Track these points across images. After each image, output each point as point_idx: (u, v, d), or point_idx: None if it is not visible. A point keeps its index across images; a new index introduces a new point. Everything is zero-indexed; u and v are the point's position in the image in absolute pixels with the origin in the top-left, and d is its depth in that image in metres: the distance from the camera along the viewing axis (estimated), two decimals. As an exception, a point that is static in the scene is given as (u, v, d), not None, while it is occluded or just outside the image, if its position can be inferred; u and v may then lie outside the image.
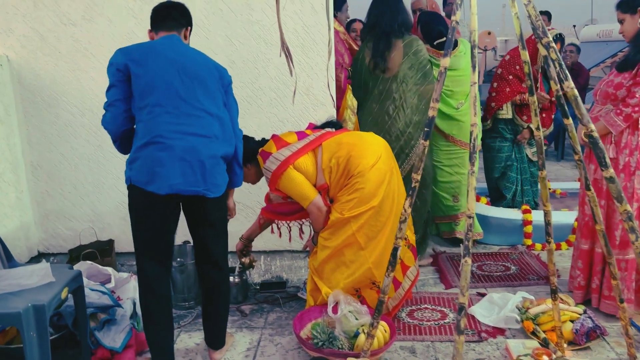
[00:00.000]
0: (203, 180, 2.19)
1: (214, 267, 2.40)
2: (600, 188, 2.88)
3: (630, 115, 2.71)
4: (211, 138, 2.21)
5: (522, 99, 3.95)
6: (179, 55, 2.21)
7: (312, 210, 2.58)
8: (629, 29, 2.76)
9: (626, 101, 2.70)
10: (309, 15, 3.11)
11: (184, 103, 2.17)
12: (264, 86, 3.21)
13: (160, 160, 2.13)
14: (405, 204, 2.16)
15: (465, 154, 3.75)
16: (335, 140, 2.63)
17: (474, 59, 1.97)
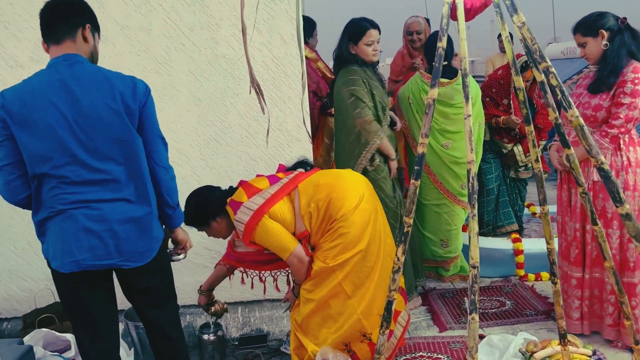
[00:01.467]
0: (117, 251, 1.89)
1: (161, 337, 2.12)
2: (574, 210, 2.79)
3: (616, 136, 2.64)
4: (123, 201, 1.90)
5: (496, 122, 3.80)
6: (70, 96, 1.81)
7: (293, 262, 2.32)
8: (593, 52, 2.68)
9: (610, 123, 2.63)
10: (279, 47, 2.91)
11: (84, 168, 1.84)
12: (234, 123, 2.98)
13: (61, 234, 1.85)
14: (398, 252, 1.94)
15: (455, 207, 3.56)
16: (311, 182, 2.39)
17: (466, 89, 1.78)
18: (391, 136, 3.21)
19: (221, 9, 2.88)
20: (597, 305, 2.77)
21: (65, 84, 1.83)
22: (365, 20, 3.12)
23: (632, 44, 2.62)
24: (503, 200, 4.01)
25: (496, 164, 3.94)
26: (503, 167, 4.00)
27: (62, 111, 1.81)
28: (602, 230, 2.00)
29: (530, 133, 2.03)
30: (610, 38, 2.62)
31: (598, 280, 2.76)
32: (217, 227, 2.42)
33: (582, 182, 1.97)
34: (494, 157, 3.93)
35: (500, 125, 3.81)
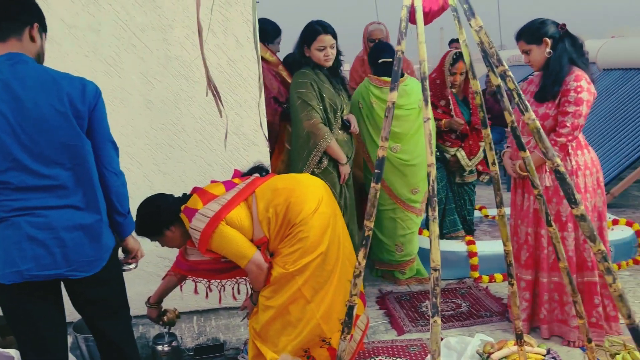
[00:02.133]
0: (65, 261, 1.81)
1: (112, 349, 2.02)
2: (526, 214, 2.85)
3: (565, 144, 2.71)
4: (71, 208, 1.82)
5: (438, 125, 3.81)
6: (12, 97, 1.71)
7: (252, 269, 2.27)
8: (538, 59, 2.74)
9: (558, 131, 2.70)
10: (234, 49, 2.86)
11: (29, 174, 1.75)
12: (188, 127, 2.91)
13: (3, 243, 1.75)
14: (359, 256, 1.92)
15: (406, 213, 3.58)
16: (269, 186, 2.34)
17: (426, 92, 1.78)
18: (345, 140, 3.20)
19: (174, 9, 2.81)
20: (558, 310, 2.82)
21: (8, 84, 1.72)
22: (319, 24, 3.11)
23: (572, 51, 2.69)
24: (449, 207, 4.01)
25: (441, 173, 3.94)
26: (448, 174, 4.01)
27: (3, 113, 1.71)
28: (556, 232, 2.03)
29: (487, 136, 2.05)
30: (552, 45, 2.69)
31: (557, 285, 2.80)
32: (172, 236, 2.34)
33: (537, 185, 2.00)
34: (439, 165, 3.92)
35: (443, 129, 3.82)
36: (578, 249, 2.78)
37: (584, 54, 2.74)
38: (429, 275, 3.77)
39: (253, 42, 2.87)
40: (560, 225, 2.76)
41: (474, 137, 3.94)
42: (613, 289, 1.70)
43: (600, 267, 1.70)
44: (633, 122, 5.66)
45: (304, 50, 3.13)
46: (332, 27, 3.13)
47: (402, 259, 3.67)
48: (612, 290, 1.70)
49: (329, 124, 3.11)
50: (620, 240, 3.77)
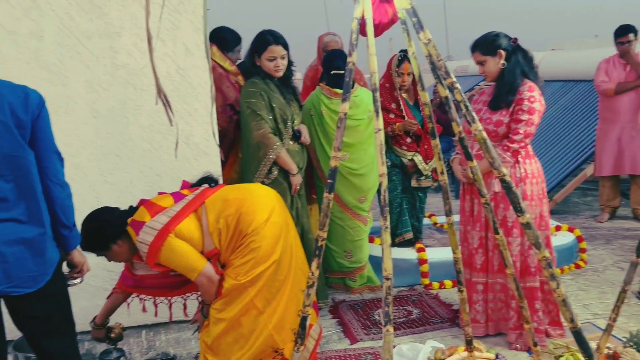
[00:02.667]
0: (5, 277, 1.74)
1: None
2: (478, 219, 2.92)
3: (517, 150, 2.79)
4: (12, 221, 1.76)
5: (392, 129, 3.87)
6: None
7: (202, 282, 2.22)
8: (492, 70, 2.85)
9: (511, 138, 2.78)
10: (184, 58, 2.82)
11: None
12: (136, 136, 2.84)
13: None
14: (312, 266, 1.92)
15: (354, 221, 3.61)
16: (219, 197, 2.31)
17: (377, 104, 1.80)
18: (296, 150, 3.20)
19: (121, 17, 2.74)
20: (505, 310, 2.91)
21: None
22: (270, 34, 3.09)
23: (524, 64, 2.81)
24: (402, 208, 4.08)
25: (399, 179, 3.99)
26: (404, 178, 4.05)
27: None
28: (503, 239, 2.09)
29: (436, 146, 2.09)
30: (505, 58, 2.79)
31: (502, 286, 2.89)
32: (118, 250, 2.27)
33: (484, 193, 2.06)
34: (396, 171, 3.98)
35: (397, 132, 3.88)
36: (522, 255, 2.87)
37: (534, 68, 2.86)
38: (380, 282, 3.80)
39: (204, 51, 2.84)
40: (506, 231, 2.85)
41: (430, 142, 3.99)
42: (557, 294, 1.75)
43: (545, 273, 1.76)
44: (573, 131, 5.90)
45: (254, 59, 3.10)
46: (284, 38, 3.12)
47: (352, 266, 3.69)
48: (556, 295, 1.76)
49: (279, 134, 3.10)
50: (563, 245, 3.92)
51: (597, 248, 4.38)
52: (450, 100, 1.97)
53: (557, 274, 1.76)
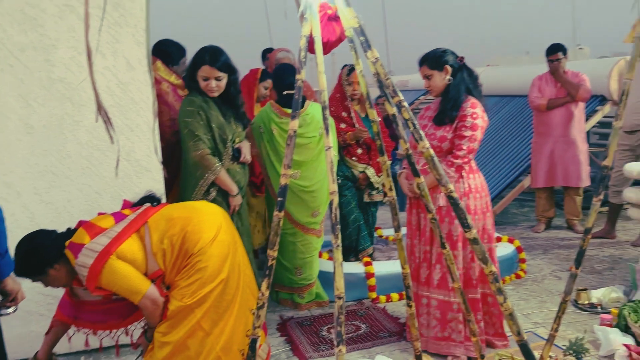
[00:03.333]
0: None
1: None
2: (424, 233, 2.96)
3: (461, 166, 2.84)
4: None
5: (344, 139, 3.90)
6: None
7: (146, 305, 2.14)
8: (438, 85, 2.91)
9: (454, 153, 2.84)
10: (125, 72, 2.73)
11: None
12: (73, 153, 2.72)
13: None
14: (262, 287, 1.88)
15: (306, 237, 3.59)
16: (163, 216, 2.24)
17: (326, 121, 1.79)
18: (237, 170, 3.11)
19: (57, 29, 2.63)
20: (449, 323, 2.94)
21: None
22: (209, 54, 2.95)
23: (469, 81, 2.89)
24: (360, 224, 4.10)
25: (352, 193, 4.01)
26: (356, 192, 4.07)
27: None
28: (450, 254, 2.12)
29: (384, 163, 2.11)
30: (452, 74, 2.86)
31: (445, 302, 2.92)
32: (56, 275, 2.15)
33: (431, 209, 2.08)
34: (349, 186, 3.99)
35: (348, 142, 3.90)
36: (464, 267, 2.92)
37: (479, 86, 2.94)
38: (328, 298, 3.79)
39: (146, 65, 2.76)
40: (452, 244, 2.89)
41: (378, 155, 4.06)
42: (504, 308, 1.79)
43: (492, 287, 1.79)
44: (510, 145, 6.12)
45: (193, 74, 2.97)
46: (226, 60, 2.98)
47: (301, 283, 3.66)
48: (503, 309, 1.79)
49: (218, 154, 2.99)
50: (503, 256, 4.02)
51: (535, 258, 4.53)
52: (398, 117, 2.00)
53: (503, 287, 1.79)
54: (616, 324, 3.03)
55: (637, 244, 4.63)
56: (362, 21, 1.80)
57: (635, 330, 2.86)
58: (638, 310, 2.95)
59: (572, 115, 5.05)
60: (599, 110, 5.81)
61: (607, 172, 2.12)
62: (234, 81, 3.05)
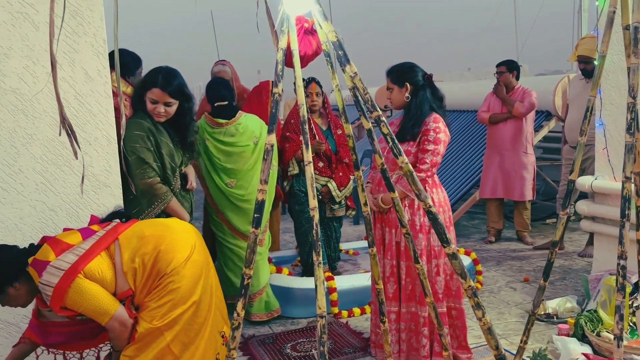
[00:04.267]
0: None
1: None
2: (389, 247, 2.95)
3: (424, 179, 2.87)
4: None
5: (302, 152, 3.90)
6: None
7: (114, 327, 2.03)
8: (397, 100, 2.96)
9: (418, 167, 2.86)
10: (83, 83, 2.61)
11: None
12: (26, 168, 2.57)
13: None
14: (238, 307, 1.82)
15: None
16: (135, 233, 2.14)
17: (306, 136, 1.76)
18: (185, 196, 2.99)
19: (10, 36, 2.49)
20: (414, 338, 2.93)
21: None
22: (163, 76, 2.79)
23: (433, 100, 2.92)
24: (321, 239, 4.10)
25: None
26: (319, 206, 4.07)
27: None
28: (423, 268, 2.13)
29: (359, 178, 2.09)
30: (413, 91, 2.89)
31: (413, 314, 2.93)
32: (15, 294, 2.02)
33: (405, 224, 2.08)
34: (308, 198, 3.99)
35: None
36: (430, 282, 2.93)
37: (443, 106, 2.98)
38: (279, 306, 3.75)
39: (105, 76, 2.65)
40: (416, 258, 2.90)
41: (344, 169, 4.08)
42: (482, 323, 1.80)
43: (471, 302, 1.79)
44: (461, 158, 6.28)
45: (142, 94, 2.80)
46: (179, 85, 2.79)
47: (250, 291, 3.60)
48: (481, 324, 1.80)
49: (167, 182, 2.85)
50: (461, 268, 4.08)
51: (489, 269, 4.63)
52: (373, 132, 2.00)
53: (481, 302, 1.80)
54: (573, 334, 3.13)
55: (584, 254, 4.81)
56: (340, 35, 1.79)
57: (592, 339, 2.95)
58: (594, 320, 3.05)
59: (520, 131, 5.23)
60: (544, 125, 6.04)
61: (572, 186, 2.19)
62: (189, 110, 2.88)
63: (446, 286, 2.98)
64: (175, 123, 2.88)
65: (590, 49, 4.46)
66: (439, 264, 2.93)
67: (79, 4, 2.56)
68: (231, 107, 3.43)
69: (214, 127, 3.42)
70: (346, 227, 6.05)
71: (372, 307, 3.12)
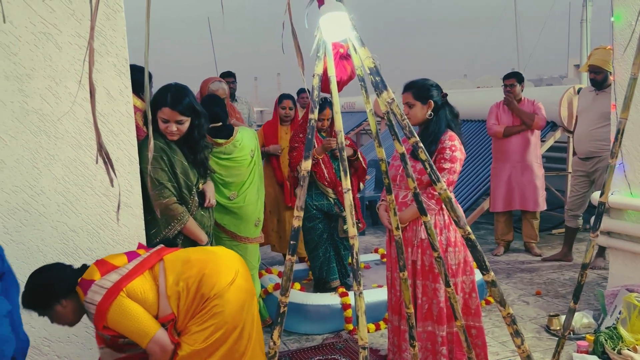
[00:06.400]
0: None
1: None
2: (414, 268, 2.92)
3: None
4: None
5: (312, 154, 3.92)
6: None
7: (154, 351, 2.00)
8: (419, 116, 2.92)
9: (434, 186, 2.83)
10: (105, 103, 2.59)
11: None
12: (48, 189, 2.54)
13: None
14: (275, 335, 1.81)
15: (249, 246, 3.53)
16: (179, 258, 2.13)
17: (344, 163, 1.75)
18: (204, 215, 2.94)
19: (32, 57, 2.47)
20: (431, 357, 2.91)
21: None
22: (169, 93, 2.72)
23: (451, 119, 2.92)
24: (330, 255, 4.09)
25: (324, 226, 4.05)
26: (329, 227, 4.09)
27: None
28: (454, 292, 2.12)
29: (392, 202, 2.08)
30: (434, 109, 2.88)
31: (430, 333, 2.91)
32: (62, 312, 2.02)
33: (437, 248, 2.08)
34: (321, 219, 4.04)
35: (316, 156, 3.92)
36: (448, 301, 2.92)
37: (459, 124, 2.97)
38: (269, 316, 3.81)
39: (127, 96, 2.64)
40: (434, 277, 2.89)
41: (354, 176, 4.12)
42: (521, 350, 1.79)
43: (510, 329, 1.79)
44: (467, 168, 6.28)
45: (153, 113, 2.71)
46: (189, 102, 2.73)
47: None
48: (520, 351, 1.79)
49: (184, 201, 2.78)
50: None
51: (500, 282, 4.63)
52: (406, 156, 1.99)
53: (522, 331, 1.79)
54: (593, 351, 3.12)
55: (594, 266, 4.82)
56: (377, 61, 1.78)
57: (613, 357, 2.95)
58: (614, 337, 3.05)
59: (529, 142, 5.25)
60: (550, 136, 6.06)
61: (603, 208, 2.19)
62: (199, 126, 2.82)
63: (465, 305, 2.97)
64: (187, 140, 2.84)
65: (603, 59, 4.47)
66: (456, 282, 2.92)
67: (102, 24, 2.54)
68: (226, 127, 3.44)
69: (214, 147, 3.40)
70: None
71: (390, 326, 3.10)
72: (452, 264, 2.92)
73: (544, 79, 21.23)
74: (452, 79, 16.27)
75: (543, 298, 4.24)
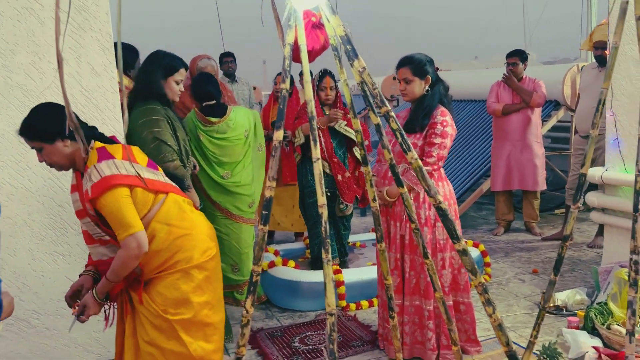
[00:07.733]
0: None
1: None
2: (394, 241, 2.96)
3: (431, 173, 2.84)
4: None
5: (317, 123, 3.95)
6: None
7: (131, 246, 1.95)
8: (416, 92, 2.90)
9: (425, 160, 2.83)
10: (89, 78, 2.60)
11: None
12: (34, 164, 2.57)
13: None
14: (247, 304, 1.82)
15: (244, 225, 3.54)
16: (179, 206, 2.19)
17: (314, 132, 1.74)
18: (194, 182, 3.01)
19: (15, 32, 2.48)
20: (418, 331, 2.93)
21: None
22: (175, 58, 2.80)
23: (443, 94, 2.91)
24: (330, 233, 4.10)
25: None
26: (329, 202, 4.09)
27: None
28: (432, 264, 2.11)
29: (368, 173, 2.08)
30: (430, 84, 2.87)
31: (417, 308, 2.92)
32: (60, 150, 2.01)
33: (414, 219, 2.07)
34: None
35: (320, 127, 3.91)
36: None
37: (450, 100, 2.96)
38: (264, 293, 3.87)
39: (111, 71, 2.64)
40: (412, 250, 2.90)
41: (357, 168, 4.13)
42: (493, 319, 1.79)
43: (482, 298, 1.78)
44: (468, 149, 6.24)
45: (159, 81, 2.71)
46: None
47: (239, 279, 3.59)
48: (492, 320, 1.79)
49: (184, 166, 2.82)
50: (469, 260, 4.07)
51: (497, 261, 4.62)
52: (382, 127, 1.98)
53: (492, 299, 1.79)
54: (583, 326, 3.11)
55: (593, 245, 4.79)
56: (348, 29, 1.77)
57: (602, 332, 2.93)
58: (604, 313, 3.03)
59: (529, 121, 5.19)
60: (553, 115, 5.99)
61: (584, 179, 2.16)
62: None
63: (454, 280, 2.97)
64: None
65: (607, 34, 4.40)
66: (444, 257, 2.92)
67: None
68: (220, 105, 3.42)
69: (207, 125, 3.38)
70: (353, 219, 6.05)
71: (380, 300, 3.12)
72: (440, 238, 2.91)
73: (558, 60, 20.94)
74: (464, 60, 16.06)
75: (539, 276, 4.22)
